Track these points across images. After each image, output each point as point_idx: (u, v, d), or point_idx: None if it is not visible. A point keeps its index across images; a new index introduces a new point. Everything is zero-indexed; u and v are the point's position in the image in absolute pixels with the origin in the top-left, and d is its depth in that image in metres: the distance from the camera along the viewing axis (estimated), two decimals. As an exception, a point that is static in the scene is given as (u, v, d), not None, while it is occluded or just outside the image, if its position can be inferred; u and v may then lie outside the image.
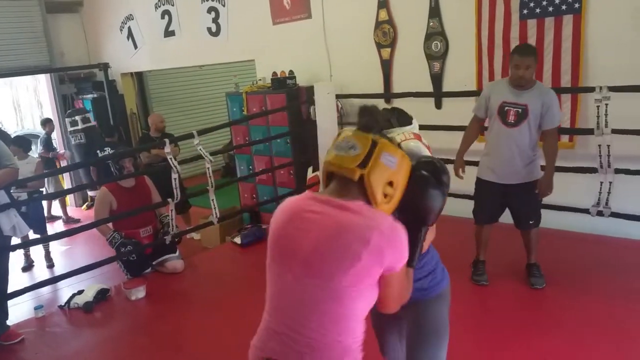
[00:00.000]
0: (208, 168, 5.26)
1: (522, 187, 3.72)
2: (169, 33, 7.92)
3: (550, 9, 4.48)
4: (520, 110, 3.61)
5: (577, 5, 4.36)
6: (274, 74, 6.26)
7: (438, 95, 5.38)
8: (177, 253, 5.01)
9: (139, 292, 4.42)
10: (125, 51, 8.72)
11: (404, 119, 1.94)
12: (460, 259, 4.03)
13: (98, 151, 7.06)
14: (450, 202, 5.44)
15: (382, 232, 1.45)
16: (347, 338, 1.49)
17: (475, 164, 3.93)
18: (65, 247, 6.70)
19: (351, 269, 1.43)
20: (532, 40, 4.58)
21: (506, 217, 3.89)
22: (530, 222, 3.80)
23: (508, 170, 3.72)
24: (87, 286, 4.56)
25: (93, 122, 7.75)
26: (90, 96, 8.90)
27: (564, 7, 4.42)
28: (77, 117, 7.67)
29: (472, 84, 5.06)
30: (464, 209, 4.19)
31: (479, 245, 3.98)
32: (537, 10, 4.55)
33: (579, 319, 3.39)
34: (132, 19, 8.44)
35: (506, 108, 3.65)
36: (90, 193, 8.55)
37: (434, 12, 5.23)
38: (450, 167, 3.97)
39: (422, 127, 2.13)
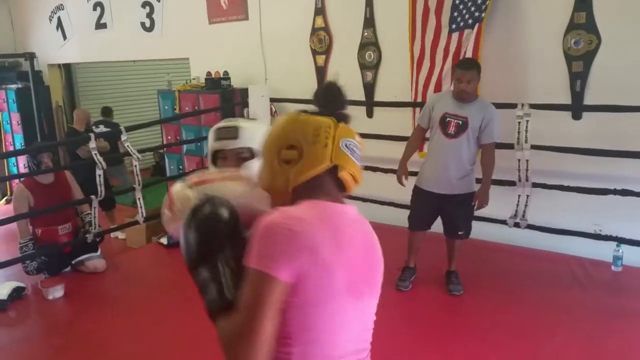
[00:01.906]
0: (135, 166, 5.16)
1: (457, 199, 3.82)
2: (100, 25, 7.69)
3: (470, 21, 4.60)
4: (460, 122, 3.72)
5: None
6: (208, 73, 6.20)
7: (370, 104, 5.49)
8: (99, 252, 4.85)
9: (57, 291, 4.26)
10: (54, 42, 8.39)
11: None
12: (391, 265, 4.10)
13: (93, 127, 6.84)
14: (390, 211, 5.45)
15: None
16: None
17: (416, 174, 4.02)
18: (-21, 243, 6.37)
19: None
20: (453, 52, 4.73)
21: (439, 226, 4.02)
22: (460, 233, 3.91)
23: (443, 180, 3.81)
24: (2, 284, 4.34)
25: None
26: (14, 86, 8.50)
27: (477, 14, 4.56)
28: None
29: (407, 96, 5.15)
30: (402, 217, 4.26)
31: (409, 251, 4.08)
32: (462, 24, 4.68)
33: (491, 323, 3.54)
34: (63, 9, 8.14)
35: (447, 119, 3.76)
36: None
37: (369, 22, 5.34)
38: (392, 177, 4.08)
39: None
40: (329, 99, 1.34)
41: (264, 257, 1.13)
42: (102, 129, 6.74)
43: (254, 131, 1.63)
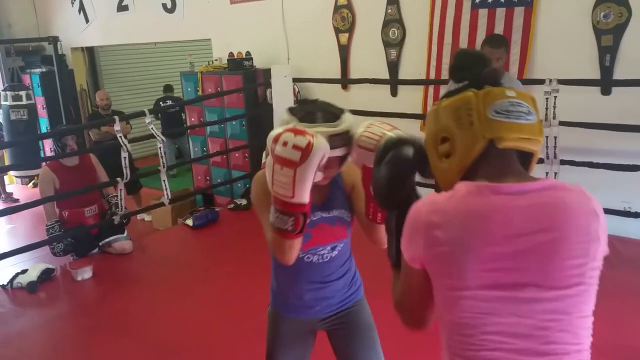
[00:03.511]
0: (160, 148, 5.19)
1: None
2: (122, 7, 7.68)
3: (502, 0, 4.54)
4: None
5: None
6: (231, 54, 6.17)
7: (394, 82, 5.41)
8: (126, 234, 4.91)
9: (85, 273, 4.33)
10: (76, 25, 8.42)
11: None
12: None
13: (160, 103, 8.01)
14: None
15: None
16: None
17: None
18: (9, 226, 6.50)
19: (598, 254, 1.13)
20: (481, 30, 4.65)
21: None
22: None
23: None
24: (32, 266, 4.43)
25: (33, 100, 7.55)
26: (38, 70, 8.58)
27: None
28: (22, 93, 7.40)
29: (422, 73, 5.10)
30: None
31: None
32: (489, 0, 4.60)
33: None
34: (84, -8, 8.16)
35: None
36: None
37: (393, -2, 5.26)
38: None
39: (377, 114, 2.14)
40: (459, 70, 1.27)
41: (404, 247, 1.20)
42: (168, 103, 7.96)
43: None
